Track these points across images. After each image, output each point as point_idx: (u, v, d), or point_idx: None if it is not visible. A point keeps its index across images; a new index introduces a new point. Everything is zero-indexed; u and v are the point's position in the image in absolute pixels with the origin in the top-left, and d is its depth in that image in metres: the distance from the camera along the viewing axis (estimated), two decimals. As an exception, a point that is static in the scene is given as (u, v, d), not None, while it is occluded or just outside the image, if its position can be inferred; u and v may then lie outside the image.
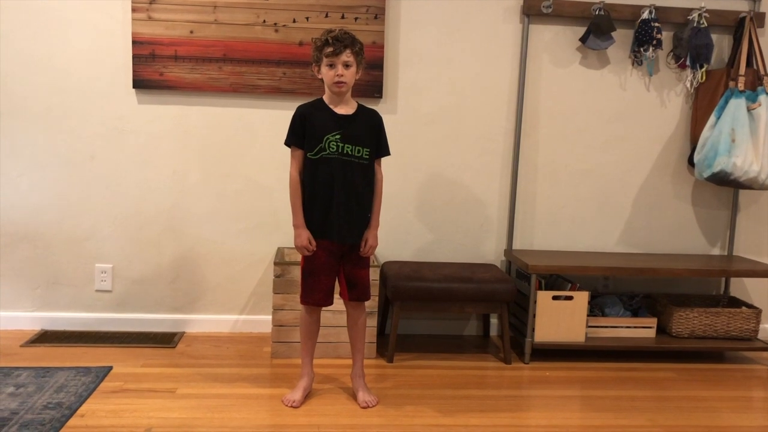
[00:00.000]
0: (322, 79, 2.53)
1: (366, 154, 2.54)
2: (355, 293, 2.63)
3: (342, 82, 2.47)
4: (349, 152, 2.51)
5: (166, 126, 3.30)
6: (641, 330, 3.29)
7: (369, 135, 2.57)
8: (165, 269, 3.39)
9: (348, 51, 2.45)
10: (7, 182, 3.27)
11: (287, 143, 2.57)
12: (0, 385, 2.63)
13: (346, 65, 2.46)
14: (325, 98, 2.56)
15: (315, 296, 2.60)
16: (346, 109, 2.55)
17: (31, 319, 3.35)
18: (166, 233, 3.37)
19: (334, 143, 2.49)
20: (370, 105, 3.28)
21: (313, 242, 2.54)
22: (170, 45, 3.21)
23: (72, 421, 2.37)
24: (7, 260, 3.32)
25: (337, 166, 2.51)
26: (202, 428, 2.38)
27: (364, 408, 2.58)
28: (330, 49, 2.43)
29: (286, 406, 2.58)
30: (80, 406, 2.49)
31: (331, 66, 2.45)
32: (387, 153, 2.64)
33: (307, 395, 2.66)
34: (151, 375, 2.83)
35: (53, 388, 2.63)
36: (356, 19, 3.25)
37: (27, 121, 3.24)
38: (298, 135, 2.53)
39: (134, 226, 3.35)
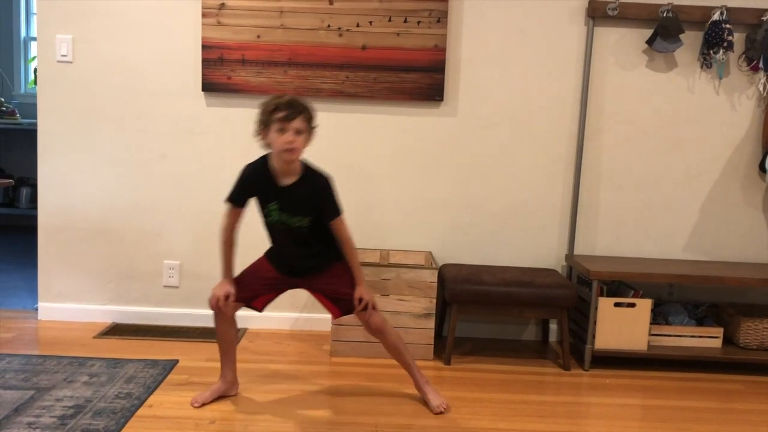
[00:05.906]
0: (269, 145, 2.41)
1: (306, 222, 2.46)
2: (344, 306, 2.56)
3: (292, 149, 2.36)
4: (287, 222, 2.46)
5: (233, 128, 3.40)
6: (706, 340, 3.20)
7: (311, 203, 2.45)
8: (229, 267, 3.48)
9: (301, 117, 2.36)
10: (84, 179, 3.43)
11: (227, 199, 2.51)
12: (76, 373, 2.77)
13: (298, 132, 2.36)
14: (273, 163, 2.45)
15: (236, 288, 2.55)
16: (289, 178, 2.44)
17: (103, 312, 3.50)
18: (231, 232, 3.46)
19: (275, 212, 2.46)
20: (430, 108, 3.37)
21: (225, 301, 2.51)
22: (238, 49, 3.30)
23: (141, 411, 2.47)
24: (83, 254, 3.47)
25: (280, 232, 2.50)
26: (263, 422, 2.45)
27: (437, 414, 2.57)
28: (282, 114, 2.33)
29: (192, 406, 2.55)
30: (148, 396, 2.59)
31: (281, 131, 2.34)
32: (337, 214, 2.49)
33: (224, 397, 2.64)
34: (215, 369, 2.89)
35: (123, 378, 2.75)
36: (419, 22, 3.28)
37: (103, 120, 3.39)
38: (235, 195, 2.49)
39: (201, 225, 3.45)
